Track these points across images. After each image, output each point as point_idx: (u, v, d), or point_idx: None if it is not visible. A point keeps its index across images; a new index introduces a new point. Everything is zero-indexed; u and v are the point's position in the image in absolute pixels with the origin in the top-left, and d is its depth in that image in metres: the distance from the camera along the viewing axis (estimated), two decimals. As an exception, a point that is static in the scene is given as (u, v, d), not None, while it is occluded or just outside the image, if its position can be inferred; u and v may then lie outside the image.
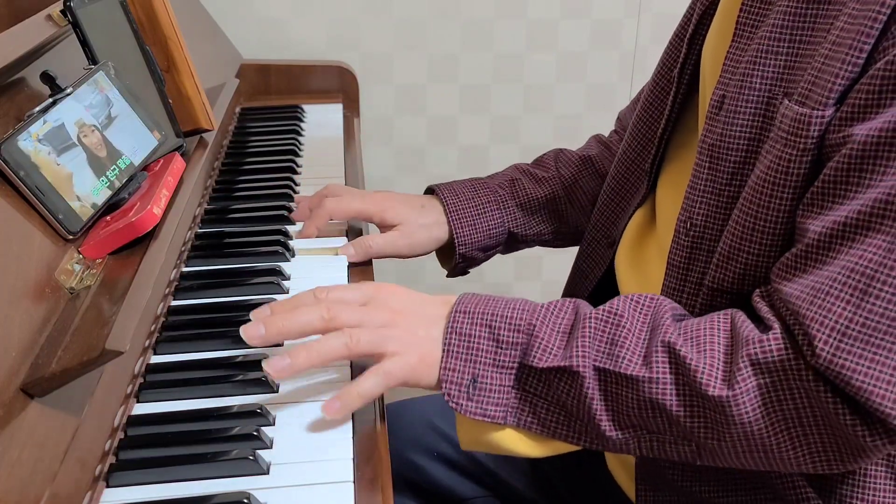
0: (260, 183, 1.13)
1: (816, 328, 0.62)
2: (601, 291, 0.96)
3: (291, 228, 1.01)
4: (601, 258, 0.97)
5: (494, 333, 0.71)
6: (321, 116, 1.41)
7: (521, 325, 0.70)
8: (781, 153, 0.68)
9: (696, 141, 0.78)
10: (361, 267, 0.95)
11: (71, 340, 0.62)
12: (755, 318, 0.68)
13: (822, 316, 0.62)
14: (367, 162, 1.46)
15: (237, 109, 1.39)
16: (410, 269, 1.82)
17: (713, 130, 0.74)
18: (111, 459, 0.65)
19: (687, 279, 0.77)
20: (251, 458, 0.65)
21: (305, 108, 1.43)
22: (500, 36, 1.65)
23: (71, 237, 0.71)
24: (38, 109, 0.72)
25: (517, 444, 0.72)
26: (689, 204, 0.76)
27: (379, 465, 0.67)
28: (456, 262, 1.04)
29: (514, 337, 0.70)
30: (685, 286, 0.77)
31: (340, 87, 1.51)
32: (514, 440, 0.72)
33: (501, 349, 0.70)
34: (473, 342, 0.71)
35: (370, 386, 0.70)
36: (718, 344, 0.67)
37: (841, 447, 0.64)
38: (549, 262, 1.84)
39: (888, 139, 0.61)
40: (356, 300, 0.74)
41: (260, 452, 0.66)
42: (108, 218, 0.76)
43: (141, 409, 0.71)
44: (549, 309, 0.72)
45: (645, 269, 0.88)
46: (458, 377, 0.70)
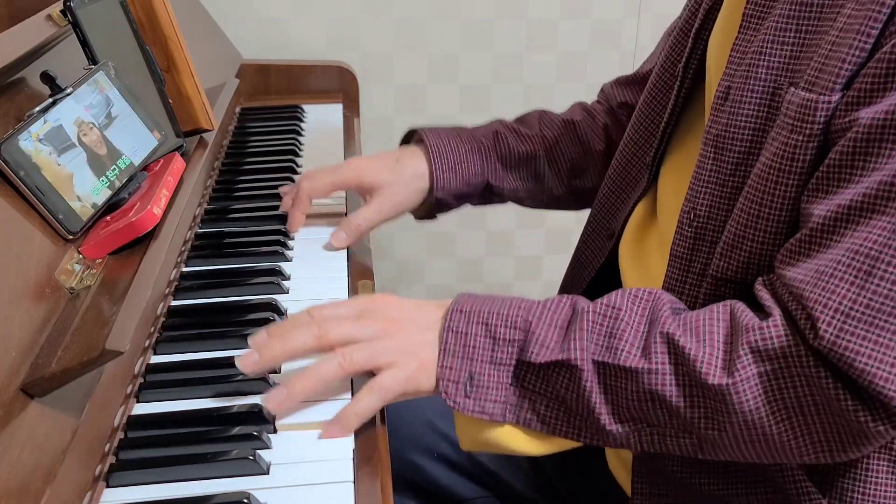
0: (260, 183, 1.12)
1: (820, 310, 0.61)
2: (600, 283, 0.96)
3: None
4: (600, 249, 0.97)
5: (491, 331, 0.70)
6: (321, 116, 1.41)
7: (517, 322, 0.70)
8: (787, 139, 0.67)
9: (698, 134, 0.78)
10: (361, 268, 0.95)
11: (71, 340, 0.62)
12: (756, 306, 0.68)
13: (825, 298, 0.61)
14: (367, 162, 1.46)
15: (237, 109, 1.39)
16: (410, 269, 1.82)
17: (718, 121, 0.74)
18: (111, 459, 0.65)
19: (690, 270, 0.76)
20: (251, 458, 0.65)
21: (305, 108, 1.43)
22: (500, 36, 1.65)
23: (71, 237, 0.71)
24: (38, 109, 0.72)
25: (517, 442, 0.72)
26: (692, 195, 0.76)
27: (379, 465, 0.67)
28: (430, 203, 1.03)
29: (510, 334, 0.70)
30: (688, 277, 0.77)
31: (340, 87, 1.51)
32: (513, 438, 0.72)
33: (498, 346, 0.70)
34: (470, 340, 0.71)
35: (367, 404, 0.69)
36: (718, 333, 0.66)
37: (842, 434, 0.64)
38: (549, 262, 1.84)
39: (894, 122, 0.61)
40: (349, 314, 0.73)
41: (260, 452, 0.66)
42: (108, 218, 0.76)
43: (141, 409, 0.71)
44: (545, 305, 0.72)
45: (646, 261, 0.88)
46: (455, 375, 0.70)
